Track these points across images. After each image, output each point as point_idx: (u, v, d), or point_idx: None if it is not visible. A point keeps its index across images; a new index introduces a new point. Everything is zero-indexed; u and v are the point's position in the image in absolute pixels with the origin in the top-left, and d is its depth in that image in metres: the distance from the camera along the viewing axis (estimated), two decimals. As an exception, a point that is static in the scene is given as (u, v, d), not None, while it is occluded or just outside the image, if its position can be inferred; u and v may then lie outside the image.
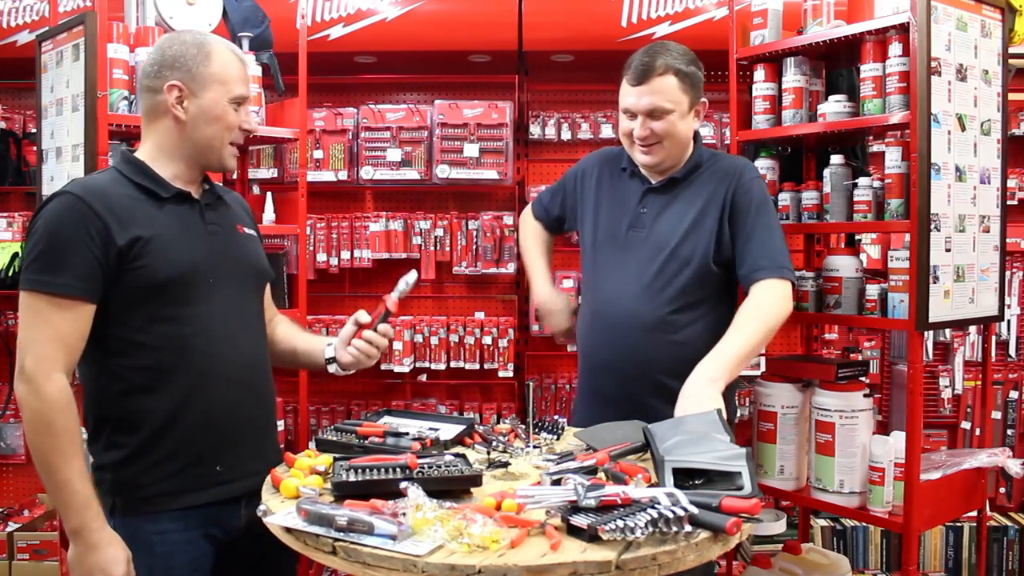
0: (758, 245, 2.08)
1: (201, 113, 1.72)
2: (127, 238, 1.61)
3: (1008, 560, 3.56)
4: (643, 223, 2.17)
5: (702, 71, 2.15)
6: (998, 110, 2.33)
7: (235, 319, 1.77)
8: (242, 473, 1.74)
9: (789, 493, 2.42)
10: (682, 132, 2.12)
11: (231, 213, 1.87)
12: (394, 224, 3.62)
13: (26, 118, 3.77)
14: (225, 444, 1.73)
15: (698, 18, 3.30)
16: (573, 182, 2.37)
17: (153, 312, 1.65)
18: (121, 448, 1.67)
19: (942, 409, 3.69)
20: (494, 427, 1.98)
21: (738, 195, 2.12)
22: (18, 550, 3.46)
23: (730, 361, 1.88)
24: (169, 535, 1.67)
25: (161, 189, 1.71)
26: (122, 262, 1.61)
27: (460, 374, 3.66)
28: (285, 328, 2.05)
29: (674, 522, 1.30)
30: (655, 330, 2.12)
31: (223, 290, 1.75)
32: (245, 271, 1.83)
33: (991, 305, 2.36)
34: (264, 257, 1.93)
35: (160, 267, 1.64)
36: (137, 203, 1.67)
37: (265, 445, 1.83)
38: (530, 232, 2.52)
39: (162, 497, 1.67)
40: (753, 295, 2.03)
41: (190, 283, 1.68)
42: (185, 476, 1.69)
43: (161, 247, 1.64)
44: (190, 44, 1.72)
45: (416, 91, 3.82)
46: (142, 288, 1.63)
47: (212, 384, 1.70)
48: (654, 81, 2.05)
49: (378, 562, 1.28)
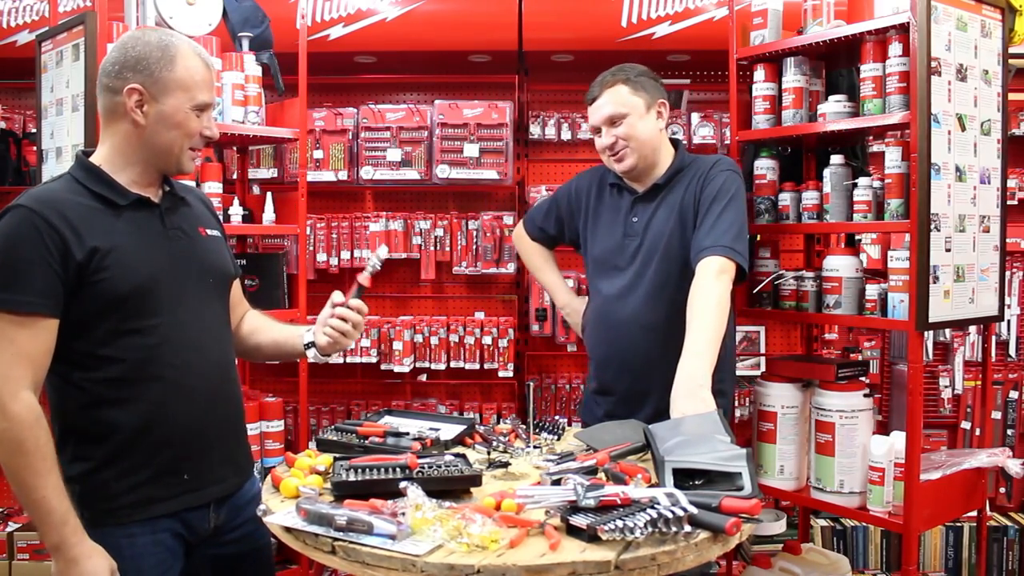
0: (706, 228, 2.14)
1: (161, 119, 1.65)
2: (85, 250, 1.55)
3: (1008, 560, 3.56)
4: (635, 231, 2.29)
5: (658, 80, 2.30)
6: (998, 110, 2.33)
7: (200, 327, 1.72)
8: (210, 480, 1.70)
9: (789, 493, 2.43)
10: (644, 132, 2.24)
11: (193, 215, 1.80)
12: (394, 224, 3.62)
13: (26, 118, 3.77)
14: (193, 452, 1.69)
15: (698, 18, 3.30)
16: (567, 201, 2.48)
17: (116, 325, 1.60)
18: (87, 460, 1.63)
19: (942, 409, 3.69)
20: (494, 427, 1.98)
21: (702, 187, 2.21)
22: (18, 550, 3.46)
23: (707, 361, 1.90)
24: (138, 538, 1.63)
25: (119, 197, 1.64)
26: (82, 275, 1.55)
27: (460, 374, 3.65)
28: (258, 321, 2.00)
29: (674, 522, 1.30)
30: (656, 329, 2.21)
31: (187, 298, 1.70)
32: (208, 276, 1.77)
33: (991, 305, 2.36)
34: (228, 257, 1.87)
35: (120, 280, 1.58)
36: (94, 213, 1.60)
37: (235, 450, 1.80)
38: (532, 252, 2.64)
39: (129, 508, 1.63)
40: (695, 280, 2.06)
41: (152, 294, 1.63)
42: (153, 486, 1.65)
43: (121, 259, 1.59)
44: (154, 46, 1.65)
45: (416, 91, 3.81)
46: (103, 301, 1.58)
47: (179, 395, 1.66)
48: (606, 93, 2.24)
49: (377, 562, 1.28)
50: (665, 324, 2.19)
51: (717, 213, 2.15)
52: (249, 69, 2.67)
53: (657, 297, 2.22)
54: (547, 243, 2.61)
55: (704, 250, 2.09)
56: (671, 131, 3.56)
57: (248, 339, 1.97)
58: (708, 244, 2.10)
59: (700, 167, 2.26)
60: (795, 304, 2.50)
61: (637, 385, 2.25)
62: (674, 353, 2.09)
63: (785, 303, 2.53)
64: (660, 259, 2.22)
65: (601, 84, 2.26)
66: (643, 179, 2.31)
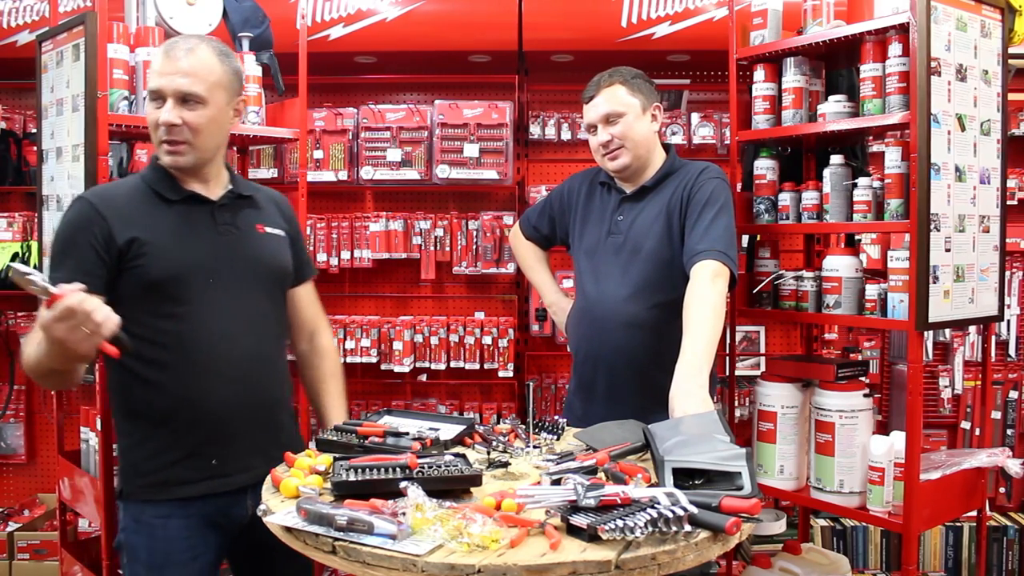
0: (698, 233, 2.16)
1: None
2: (125, 238, 1.71)
3: (1008, 560, 3.56)
4: (620, 229, 2.31)
5: (652, 84, 2.33)
6: (998, 110, 2.33)
7: (236, 317, 1.80)
8: (239, 468, 1.77)
9: (789, 493, 2.43)
10: (640, 133, 2.27)
11: (255, 212, 1.91)
12: (394, 224, 3.62)
13: (26, 118, 3.77)
14: (221, 439, 1.77)
15: (698, 18, 3.30)
16: (559, 201, 2.52)
17: (153, 308, 1.73)
18: (127, 436, 1.80)
19: (942, 409, 3.69)
20: (494, 427, 1.98)
21: (690, 193, 2.23)
22: (18, 550, 3.46)
23: (706, 361, 1.90)
24: (171, 520, 1.75)
25: (171, 193, 1.79)
26: (121, 260, 1.71)
27: (460, 374, 3.66)
28: (322, 362, 2.11)
29: (674, 522, 1.30)
30: (636, 326, 2.24)
31: (225, 289, 1.78)
32: (253, 269, 1.86)
33: (991, 305, 2.36)
34: (285, 257, 1.95)
35: (154, 266, 1.72)
36: (145, 206, 1.77)
37: (265, 440, 1.84)
38: (526, 251, 2.67)
39: (160, 486, 1.75)
40: (691, 282, 2.06)
41: (185, 281, 1.74)
42: (181, 467, 1.76)
43: (158, 248, 1.73)
44: None
45: (416, 91, 3.82)
46: (140, 285, 1.72)
47: (207, 380, 1.75)
48: (603, 92, 2.28)
49: (378, 561, 1.28)
50: (645, 323, 2.23)
51: (710, 219, 2.16)
52: (249, 69, 2.67)
53: (638, 296, 2.24)
54: (541, 243, 2.63)
55: (699, 254, 2.10)
56: (671, 131, 3.57)
57: (304, 367, 2.11)
58: (703, 248, 2.11)
59: (689, 172, 2.29)
60: (795, 304, 2.50)
61: (617, 383, 2.27)
62: (654, 352, 2.18)
63: (785, 303, 2.53)
64: (643, 259, 2.25)
65: (598, 84, 2.30)
66: (634, 180, 2.33)
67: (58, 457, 2.58)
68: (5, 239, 3.53)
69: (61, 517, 2.65)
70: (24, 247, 3.48)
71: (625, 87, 2.26)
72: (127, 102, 2.29)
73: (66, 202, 2.36)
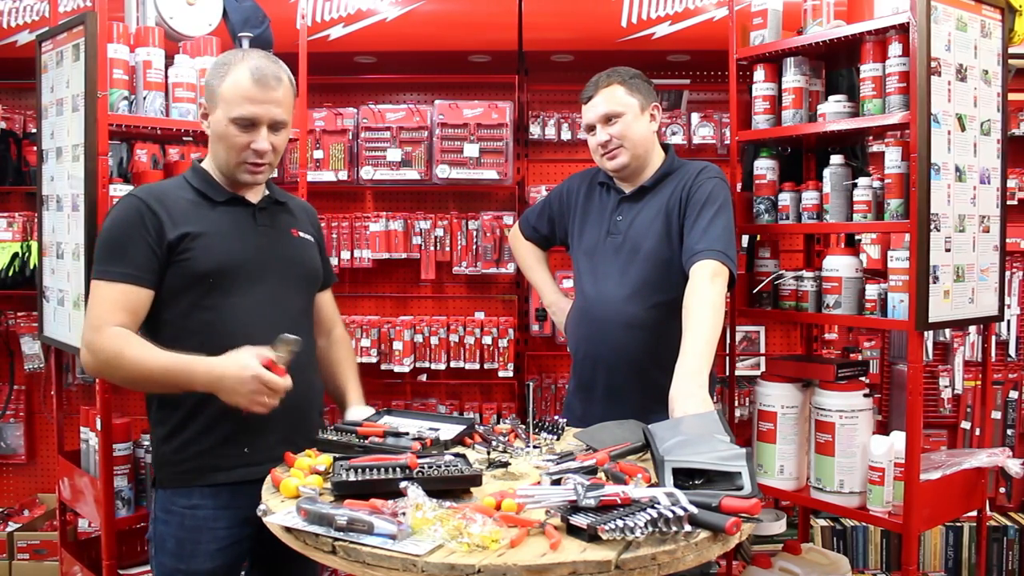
0: (697, 232, 2.16)
1: (213, 131, 1.86)
2: (177, 233, 1.79)
3: (1008, 560, 3.56)
4: (618, 229, 2.31)
5: (650, 83, 2.34)
6: (998, 110, 2.33)
7: (274, 311, 1.87)
8: (269, 457, 1.78)
9: (789, 493, 2.43)
10: (638, 133, 2.27)
11: (289, 217, 2.00)
12: (394, 224, 3.62)
13: (26, 118, 3.77)
14: (252, 428, 1.80)
15: (698, 18, 3.30)
16: (558, 202, 2.53)
17: (197, 300, 1.81)
18: (164, 425, 1.85)
19: (942, 409, 3.69)
20: (494, 427, 1.98)
21: (689, 192, 2.24)
22: (18, 550, 3.46)
23: (705, 361, 1.90)
24: (199, 510, 1.81)
25: (216, 194, 1.88)
26: (172, 253, 1.79)
27: (460, 374, 3.66)
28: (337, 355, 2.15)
29: (674, 522, 1.30)
30: (635, 326, 2.24)
31: (265, 284, 1.87)
32: (290, 268, 1.94)
33: (991, 305, 2.36)
34: (316, 261, 2.05)
35: (202, 259, 1.80)
36: (192, 205, 1.85)
37: (294, 434, 1.86)
38: (526, 251, 2.67)
39: (192, 473, 1.83)
40: (690, 282, 2.06)
41: (230, 275, 1.83)
42: (213, 455, 1.83)
43: (206, 243, 1.81)
44: (219, 61, 1.86)
45: (416, 91, 3.82)
46: (188, 277, 1.80)
47: None
48: (602, 92, 2.28)
49: (378, 561, 1.28)
50: (645, 323, 2.23)
51: (709, 218, 2.16)
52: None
53: (637, 296, 2.24)
54: (541, 243, 2.63)
55: (698, 253, 2.10)
56: (671, 131, 3.57)
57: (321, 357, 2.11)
58: (702, 248, 2.11)
59: (688, 172, 2.29)
60: (795, 304, 2.50)
61: (616, 383, 2.27)
62: (653, 352, 2.18)
63: (785, 303, 2.54)
64: (641, 259, 2.25)
65: (596, 84, 2.30)
66: (632, 180, 2.34)
67: (58, 457, 2.59)
68: (5, 239, 3.52)
69: (61, 517, 2.66)
70: (24, 247, 3.48)
71: (623, 87, 2.27)
72: (127, 102, 2.29)
73: (66, 202, 2.36)
